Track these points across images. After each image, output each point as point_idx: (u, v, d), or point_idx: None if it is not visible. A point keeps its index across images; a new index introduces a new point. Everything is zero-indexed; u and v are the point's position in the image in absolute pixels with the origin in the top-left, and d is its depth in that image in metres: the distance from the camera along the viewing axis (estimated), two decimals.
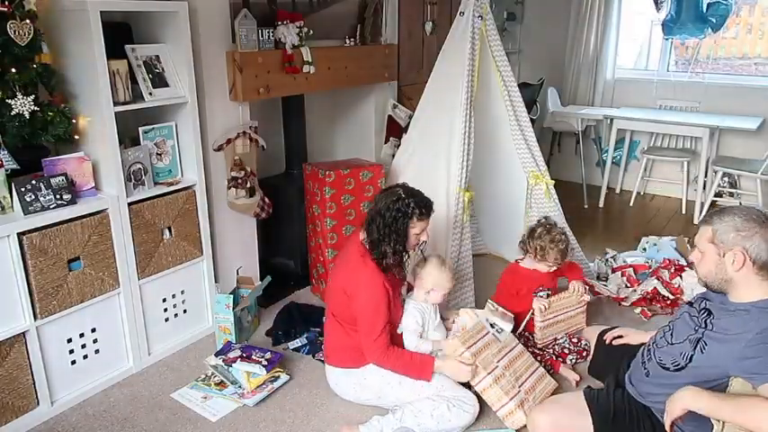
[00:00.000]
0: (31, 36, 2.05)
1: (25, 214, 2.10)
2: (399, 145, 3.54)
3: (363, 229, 2.23)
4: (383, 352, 2.15)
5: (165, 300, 2.65)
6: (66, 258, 2.20)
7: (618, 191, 5.34)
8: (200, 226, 2.70)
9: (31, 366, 2.19)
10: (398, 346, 2.24)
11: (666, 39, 4.94)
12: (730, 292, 1.74)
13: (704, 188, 4.63)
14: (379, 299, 2.14)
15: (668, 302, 3.08)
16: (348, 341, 2.24)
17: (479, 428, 2.20)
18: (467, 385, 2.20)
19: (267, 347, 2.60)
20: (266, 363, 2.47)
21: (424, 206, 2.19)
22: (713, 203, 4.63)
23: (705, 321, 1.77)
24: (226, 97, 2.77)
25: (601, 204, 4.94)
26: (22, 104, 2.07)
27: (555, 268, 2.67)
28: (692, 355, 1.75)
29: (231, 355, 2.53)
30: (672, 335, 1.89)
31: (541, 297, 2.58)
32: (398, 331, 2.29)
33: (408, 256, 2.34)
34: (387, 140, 3.87)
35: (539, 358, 2.47)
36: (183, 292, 2.71)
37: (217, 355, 2.55)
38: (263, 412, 2.30)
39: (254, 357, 2.50)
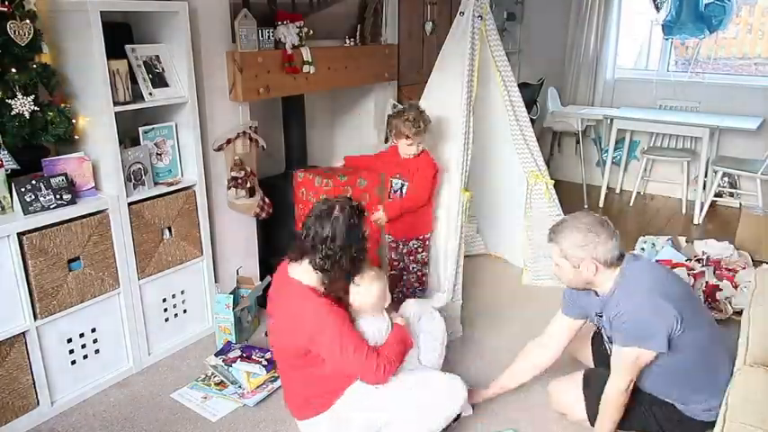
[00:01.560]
0: (31, 36, 2.05)
1: (25, 214, 2.10)
2: None
3: (311, 264, 1.93)
4: (380, 364, 1.92)
5: (165, 300, 2.65)
6: (66, 258, 2.20)
7: (618, 191, 5.34)
8: (200, 226, 2.70)
9: (31, 366, 2.19)
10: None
11: (666, 39, 4.95)
12: (597, 287, 2.01)
13: (704, 188, 4.63)
14: (342, 321, 1.90)
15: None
16: (312, 384, 2.01)
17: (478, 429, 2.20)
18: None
19: (267, 347, 2.59)
20: (266, 363, 2.47)
21: (361, 206, 2.01)
22: (713, 203, 4.63)
23: (601, 320, 2.06)
24: (226, 97, 2.77)
25: (601, 204, 4.93)
26: (22, 104, 2.07)
27: (415, 152, 2.71)
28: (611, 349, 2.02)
29: (231, 355, 2.54)
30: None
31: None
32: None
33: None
34: (387, 140, 3.87)
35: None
36: (183, 292, 2.71)
37: (217, 355, 2.55)
38: (263, 412, 2.30)
39: (254, 357, 2.51)
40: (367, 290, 2.04)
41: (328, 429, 2.04)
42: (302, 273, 1.96)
